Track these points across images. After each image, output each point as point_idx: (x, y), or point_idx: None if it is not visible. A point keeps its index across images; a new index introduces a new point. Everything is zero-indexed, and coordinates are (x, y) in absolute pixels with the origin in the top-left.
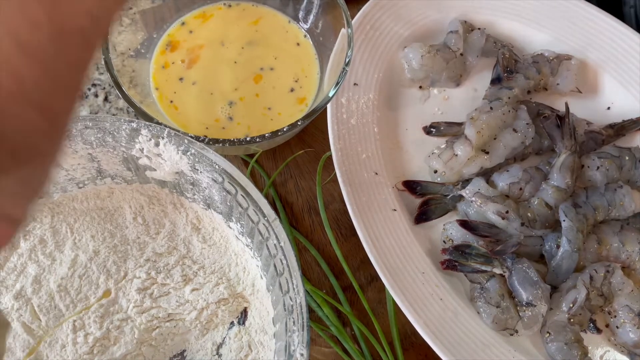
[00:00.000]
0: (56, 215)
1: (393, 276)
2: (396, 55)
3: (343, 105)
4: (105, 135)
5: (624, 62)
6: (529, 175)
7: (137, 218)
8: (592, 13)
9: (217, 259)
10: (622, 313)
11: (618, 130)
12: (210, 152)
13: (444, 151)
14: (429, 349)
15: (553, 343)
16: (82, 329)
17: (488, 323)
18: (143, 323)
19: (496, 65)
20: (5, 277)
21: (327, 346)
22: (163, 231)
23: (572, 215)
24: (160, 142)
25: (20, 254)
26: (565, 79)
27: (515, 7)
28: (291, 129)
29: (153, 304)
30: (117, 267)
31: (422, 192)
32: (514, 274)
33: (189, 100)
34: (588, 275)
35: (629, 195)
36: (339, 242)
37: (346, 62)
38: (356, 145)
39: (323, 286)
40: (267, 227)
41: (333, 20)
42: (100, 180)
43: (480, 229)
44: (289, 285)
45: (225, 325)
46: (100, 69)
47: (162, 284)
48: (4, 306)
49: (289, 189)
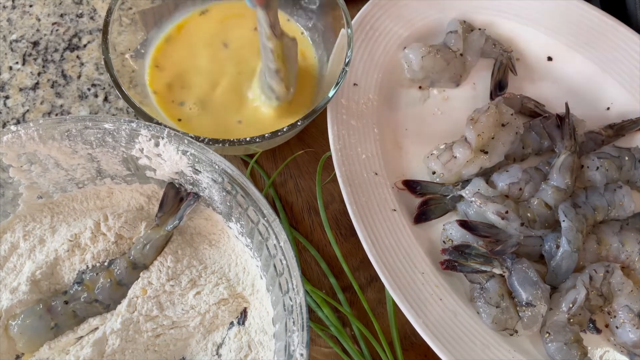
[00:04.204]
0: (56, 215)
1: (393, 276)
2: (396, 56)
3: (343, 105)
4: (105, 135)
5: (623, 62)
6: (529, 176)
7: None
8: (592, 13)
9: (217, 259)
10: (622, 313)
11: (618, 130)
12: (210, 152)
13: (442, 153)
14: (428, 349)
15: (553, 343)
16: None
17: (488, 323)
18: (149, 330)
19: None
20: (5, 276)
21: (327, 346)
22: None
23: (571, 216)
24: (160, 142)
25: (20, 254)
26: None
27: (515, 7)
28: (291, 129)
29: (160, 313)
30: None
31: (421, 191)
32: (513, 274)
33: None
34: (588, 275)
35: (629, 196)
36: (339, 242)
37: (346, 62)
38: (356, 146)
39: (323, 286)
40: (266, 227)
41: (333, 21)
42: (100, 181)
43: (480, 229)
44: (289, 286)
45: (225, 326)
46: (100, 69)
47: (169, 292)
48: (3, 305)
49: (288, 189)
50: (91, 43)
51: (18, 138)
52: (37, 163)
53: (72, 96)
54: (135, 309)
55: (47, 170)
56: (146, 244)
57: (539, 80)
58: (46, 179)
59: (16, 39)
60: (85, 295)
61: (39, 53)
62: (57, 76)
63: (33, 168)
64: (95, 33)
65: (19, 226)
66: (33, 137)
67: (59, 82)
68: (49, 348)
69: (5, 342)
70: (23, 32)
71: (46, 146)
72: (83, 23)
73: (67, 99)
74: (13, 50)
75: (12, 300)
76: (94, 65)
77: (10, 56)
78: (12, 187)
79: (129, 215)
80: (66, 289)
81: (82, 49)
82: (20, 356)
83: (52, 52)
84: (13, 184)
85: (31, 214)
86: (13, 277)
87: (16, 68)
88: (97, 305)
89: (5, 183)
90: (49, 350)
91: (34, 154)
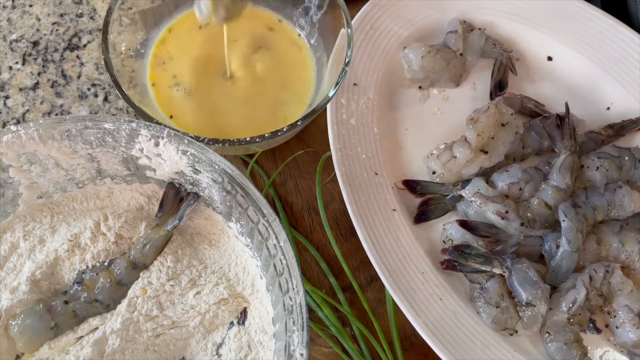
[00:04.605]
0: (56, 215)
1: (393, 276)
2: (396, 56)
3: (343, 105)
4: (105, 135)
5: (623, 62)
6: (529, 176)
7: None
8: (592, 13)
9: (217, 259)
10: (622, 313)
11: (618, 130)
12: (210, 152)
13: (442, 152)
14: (428, 349)
15: (552, 343)
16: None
17: (488, 323)
18: (149, 330)
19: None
20: (5, 276)
21: (327, 346)
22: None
23: (571, 216)
24: (160, 142)
25: (20, 254)
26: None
27: (515, 7)
28: (291, 129)
29: (160, 312)
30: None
31: (421, 191)
32: (513, 274)
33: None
34: (587, 275)
35: (629, 195)
36: (339, 242)
37: (346, 62)
38: (356, 146)
39: (323, 286)
40: (266, 227)
41: (333, 20)
42: (100, 181)
43: (479, 229)
44: (289, 285)
45: (225, 326)
46: (100, 69)
47: (169, 291)
48: (3, 305)
49: (288, 189)
50: (91, 43)
51: (18, 138)
52: (37, 163)
53: (72, 96)
54: (135, 309)
55: (47, 170)
56: (146, 243)
57: (538, 80)
58: (46, 179)
59: (16, 38)
60: (85, 295)
61: (39, 53)
62: (57, 76)
63: (33, 168)
64: (95, 33)
65: (19, 226)
66: (33, 137)
67: (59, 82)
68: (49, 348)
69: (5, 342)
70: (23, 32)
71: (46, 146)
72: (83, 23)
73: (67, 99)
74: (13, 50)
75: (12, 300)
76: (94, 65)
77: (10, 56)
78: (12, 187)
79: (129, 215)
80: (66, 289)
81: (82, 48)
82: (20, 356)
83: (52, 52)
84: (13, 184)
85: (31, 214)
86: (13, 277)
87: (16, 68)
88: (97, 305)
89: (5, 183)
90: (49, 350)
91: (34, 154)
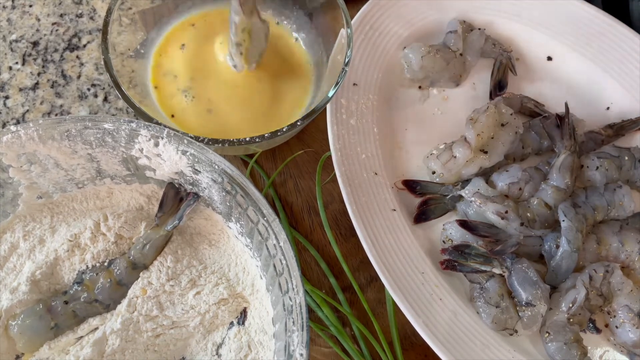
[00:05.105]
0: (56, 216)
1: (393, 276)
2: (396, 56)
3: (343, 105)
4: (105, 135)
5: (623, 62)
6: (529, 175)
7: None
8: (592, 13)
9: (217, 259)
10: (622, 313)
11: (617, 130)
12: (210, 152)
13: (442, 152)
14: (428, 349)
15: (552, 343)
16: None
17: (488, 323)
18: (148, 330)
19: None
20: (5, 276)
21: (327, 346)
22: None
23: (571, 215)
24: (160, 142)
25: (20, 254)
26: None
27: (515, 7)
28: (290, 129)
29: (160, 313)
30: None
31: (421, 191)
32: (513, 274)
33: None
34: (587, 275)
35: (629, 195)
36: (339, 242)
37: (345, 62)
38: (356, 146)
39: (322, 286)
40: (266, 227)
41: (332, 21)
42: (100, 181)
43: (479, 229)
44: (289, 286)
45: (225, 326)
46: (100, 69)
47: (169, 292)
48: (3, 305)
49: (288, 189)
50: (91, 43)
51: (18, 138)
52: (37, 163)
53: (72, 96)
54: (135, 309)
55: (47, 170)
56: (146, 244)
57: (538, 80)
58: (46, 179)
59: (16, 39)
60: (85, 295)
61: (39, 53)
62: (57, 76)
63: (33, 168)
64: (95, 33)
65: (18, 226)
66: (33, 137)
67: (59, 82)
68: (49, 348)
69: (5, 342)
70: (23, 32)
71: (46, 146)
72: (83, 23)
73: (66, 99)
74: (13, 50)
75: (12, 300)
76: (94, 65)
77: (10, 56)
78: (12, 187)
79: (128, 215)
80: (66, 289)
81: (82, 49)
82: (20, 356)
83: (51, 52)
84: (13, 184)
85: (31, 214)
86: (13, 277)
87: (16, 68)
88: (97, 305)
89: (5, 183)
90: (49, 350)
91: (34, 154)
